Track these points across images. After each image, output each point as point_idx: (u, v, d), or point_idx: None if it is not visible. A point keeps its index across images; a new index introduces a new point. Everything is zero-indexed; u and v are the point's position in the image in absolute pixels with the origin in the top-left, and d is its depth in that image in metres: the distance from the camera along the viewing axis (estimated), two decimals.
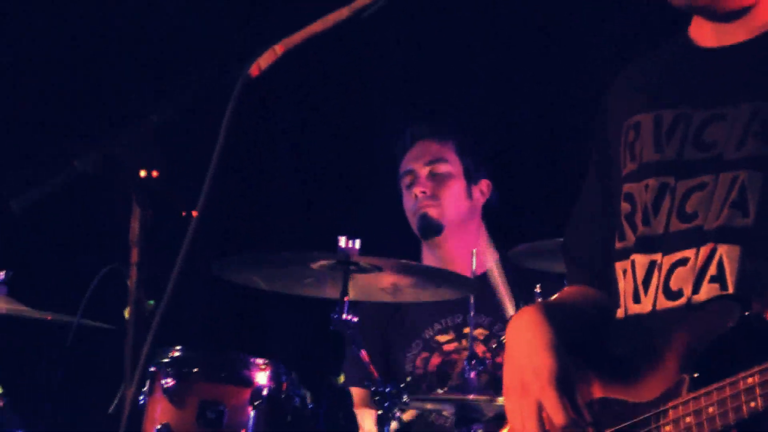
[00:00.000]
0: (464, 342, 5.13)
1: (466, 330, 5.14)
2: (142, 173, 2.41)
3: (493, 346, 4.96)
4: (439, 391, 4.61)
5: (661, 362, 2.49)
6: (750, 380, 2.33)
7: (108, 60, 6.20)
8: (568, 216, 2.94)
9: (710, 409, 2.38)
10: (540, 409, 2.58)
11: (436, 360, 5.20)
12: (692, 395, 2.41)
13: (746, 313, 2.40)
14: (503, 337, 4.97)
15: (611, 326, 2.69)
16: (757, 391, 2.32)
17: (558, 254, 4.06)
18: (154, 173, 2.41)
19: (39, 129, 6.06)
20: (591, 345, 2.69)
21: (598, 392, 2.61)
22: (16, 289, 4.79)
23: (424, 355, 5.23)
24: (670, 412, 2.45)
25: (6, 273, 4.77)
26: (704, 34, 2.69)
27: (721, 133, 2.57)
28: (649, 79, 2.77)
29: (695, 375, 2.42)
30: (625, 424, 2.52)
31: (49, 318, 4.73)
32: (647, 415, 2.48)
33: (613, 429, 2.54)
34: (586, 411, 2.59)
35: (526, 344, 2.63)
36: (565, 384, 2.58)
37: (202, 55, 6.04)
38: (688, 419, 2.42)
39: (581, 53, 5.43)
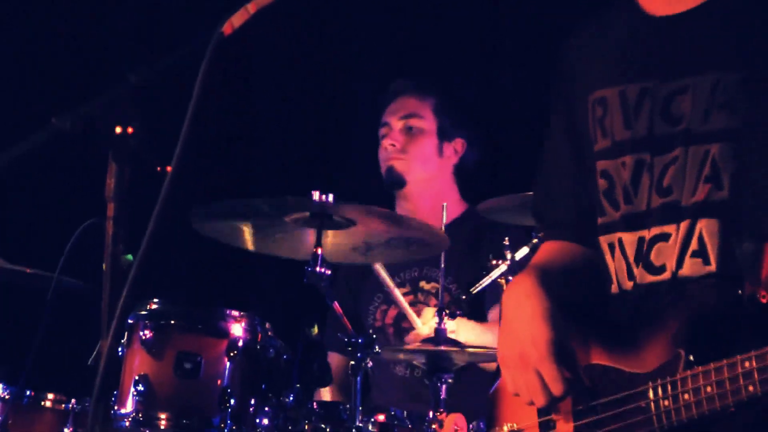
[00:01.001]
0: (420, 296, 5.18)
1: (422, 284, 5.17)
2: (118, 130, 2.39)
3: (447, 301, 4.99)
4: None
5: (657, 335, 2.48)
6: (747, 364, 2.32)
7: (87, 23, 6.18)
8: (533, 174, 2.92)
9: (708, 389, 2.38)
10: (542, 379, 2.56)
11: (392, 312, 5.23)
12: (690, 372, 2.40)
13: (740, 292, 2.39)
14: (461, 294, 5.02)
15: (604, 285, 2.67)
16: (756, 376, 2.31)
17: (523, 208, 4.06)
18: (130, 130, 2.39)
19: (20, 90, 6.04)
20: (587, 311, 2.68)
21: (595, 358, 2.60)
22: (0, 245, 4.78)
23: (383, 307, 5.26)
24: (669, 387, 2.44)
25: None
26: (653, 0, 2.66)
27: (687, 105, 2.54)
28: (606, 49, 2.73)
29: (692, 352, 2.41)
30: (624, 393, 2.51)
31: (27, 271, 4.71)
32: (644, 387, 2.47)
33: (610, 397, 2.53)
34: (585, 377, 2.58)
35: (524, 315, 2.61)
36: (563, 353, 2.56)
37: (179, 16, 6.02)
38: (686, 396, 2.41)
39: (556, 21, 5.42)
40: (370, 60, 6.13)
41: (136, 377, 4.23)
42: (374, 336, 4.40)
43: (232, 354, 4.28)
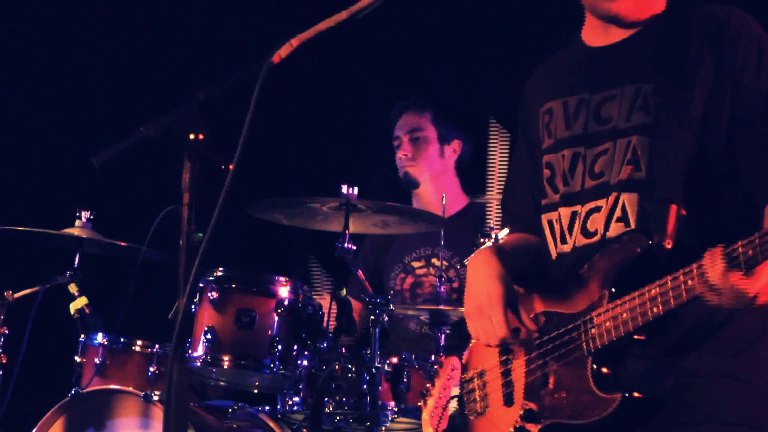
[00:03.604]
0: (431, 269, 5.18)
1: (434, 260, 5.18)
2: (191, 136, 2.40)
3: (452, 275, 5.01)
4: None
5: (588, 282, 2.49)
6: (653, 291, 2.34)
7: (167, 54, 6.20)
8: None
9: (624, 315, 2.39)
10: (494, 325, 2.59)
11: (410, 280, 5.23)
12: (610, 306, 2.41)
13: (650, 242, 2.40)
14: (461, 268, 5.04)
15: (547, 262, 2.68)
16: (658, 299, 2.33)
17: None
18: (200, 136, 2.40)
19: (116, 104, 6.05)
20: (533, 274, 2.69)
21: (540, 307, 2.60)
22: (98, 225, 4.78)
23: (402, 275, 5.26)
24: (594, 319, 2.44)
25: (90, 213, 4.76)
26: (593, 36, 2.68)
27: (614, 109, 2.57)
28: (555, 75, 2.76)
29: (612, 290, 2.42)
30: (562, 329, 2.52)
31: (122, 244, 4.73)
32: (577, 322, 2.48)
33: (552, 334, 2.54)
34: (531, 322, 2.59)
35: (481, 277, 2.64)
36: (510, 304, 2.59)
37: (238, 48, 6.03)
38: (608, 324, 2.42)
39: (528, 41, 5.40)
40: (381, 80, 6.13)
41: (205, 328, 4.25)
42: (390, 297, 4.41)
43: (279, 310, 4.29)
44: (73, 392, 4.46)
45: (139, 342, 4.56)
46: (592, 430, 2.42)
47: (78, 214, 4.74)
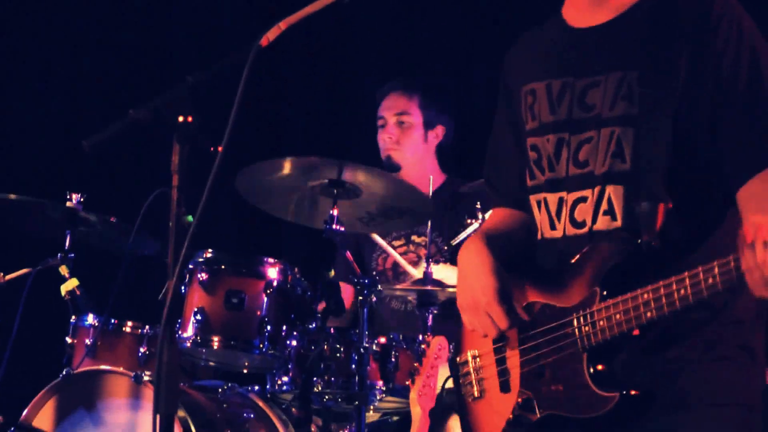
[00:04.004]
0: (411, 246, 5.20)
1: (413, 237, 5.19)
2: (180, 119, 2.39)
3: (434, 251, 5.01)
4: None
5: (579, 276, 2.49)
6: (646, 296, 2.34)
7: (155, 39, 6.19)
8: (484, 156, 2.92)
9: (618, 316, 2.39)
10: (492, 318, 2.58)
11: (391, 259, 5.22)
12: (604, 305, 2.42)
13: (639, 241, 2.40)
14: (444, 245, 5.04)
15: (536, 246, 2.68)
16: (652, 305, 2.34)
17: None
18: (189, 119, 2.39)
19: (108, 88, 6.05)
20: (524, 262, 2.68)
21: (532, 297, 2.60)
22: (89, 207, 4.76)
23: (383, 255, 5.26)
24: (588, 316, 2.45)
25: (81, 195, 4.75)
26: (576, 15, 2.65)
27: (598, 97, 2.54)
28: (537, 54, 2.72)
29: (605, 289, 2.43)
30: (555, 323, 2.52)
31: (112, 219, 4.71)
32: (570, 318, 2.48)
33: (545, 327, 2.54)
34: (524, 313, 2.59)
35: (474, 270, 2.63)
36: (504, 297, 2.58)
37: (226, 31, 6.01)
38: (601, 323, 2.42)
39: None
40: (374, 60, 6.13)
41: (195, 309, 4.24)
42: (377, 277, 4.40)
43: (268, 291, 4.29)
44: (64, 373, 4.46)
45: (129, 323, 4.55)
46: (590, 424, 2.44)
47: (68, 197, 4.72)
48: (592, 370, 2.43)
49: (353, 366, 4.21)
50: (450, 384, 3.88)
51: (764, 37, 2.49)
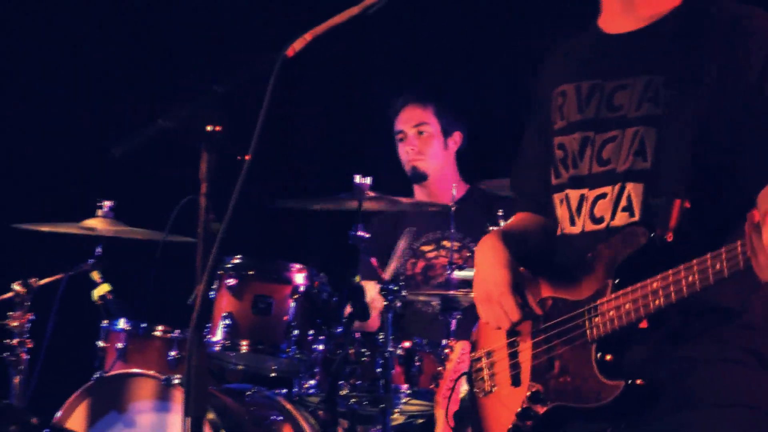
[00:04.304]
0: (442, 251, 5.21)
1: (444, 242, 5.21)
2: (208, 128, 2.42)
3: (467, 255, 5.03)
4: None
5: (592, 270, 2.51)
6: (655, 285, 2.36)
7: (184, 50, 6.23)
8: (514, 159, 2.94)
9: (627, 306, 2.41)
10: (504, 310, 2.61)
11: (421, 264, 5.25)
12: (614, 295, 2.44)
13: (652, 235, 2.42)
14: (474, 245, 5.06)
15: (554, 243, 2.70)
16: (660, 293, 2.35)
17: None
18: (217, 128, 2.42)
19: (135, 96, 6.08)
20: (539, 259, 2.70)
21: (546, 292, 2.62)
22: (119, 214, 4.81)
23: (412, 260, 5.28)
24: (598, 307, 2.47)
25: (112, 202, 4.80)
26: (610, 23, 2.69)
27: (625, 98, 2.57)
28: (570, 59, 2.76)
29: (616, 281, 2.45)
30: (567, 316, 2.54)
31: (139, 237, 4.76)
32: (582, 309, 2.50)
33: (557, 320, 2.57)
34: (537, 306, 2.61)
35: (489, 263, 2.66)
36: (517, 290, 2.61)
37: (253, 42, 6.04)
38: (611, 313, 2.44)
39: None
40: (391, 71, 6.15)
41: (224, 314, 4.28)
42: (402, 283, 4.43)
43: (295, 296, 4.32)
44: (96, 376, 4.50)
45: (159, 327, 4.59)
46: (595, 414, 2.46)
47: (99, 205, 4.77)
48: (599, 360, 2.44)
49: (378, 369, 4.23)
50: (465, 386, 3.90)
51: None
